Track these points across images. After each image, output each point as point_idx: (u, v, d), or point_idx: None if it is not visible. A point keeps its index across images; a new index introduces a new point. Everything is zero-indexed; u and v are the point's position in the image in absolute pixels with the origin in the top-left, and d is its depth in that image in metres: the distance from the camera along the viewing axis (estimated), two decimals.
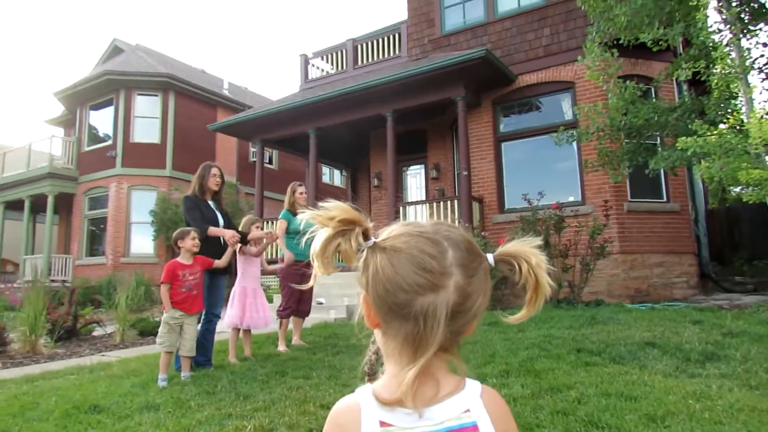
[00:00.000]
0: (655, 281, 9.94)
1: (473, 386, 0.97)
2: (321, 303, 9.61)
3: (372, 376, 1.05)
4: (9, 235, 22.13)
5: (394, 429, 0.91)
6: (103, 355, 6.99)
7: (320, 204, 0.97)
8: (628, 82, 7.73)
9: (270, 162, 21.07)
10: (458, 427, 0.92)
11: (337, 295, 10.15)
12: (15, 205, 20.90)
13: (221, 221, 5.83)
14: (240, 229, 6.21)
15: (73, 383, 4.95)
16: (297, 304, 6.69)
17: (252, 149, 19.87)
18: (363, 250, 0.96)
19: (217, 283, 5.74)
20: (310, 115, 12.66)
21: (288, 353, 6.01)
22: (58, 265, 18.75)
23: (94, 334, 9.17)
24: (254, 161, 17.80)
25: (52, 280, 17.27)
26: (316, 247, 0.97)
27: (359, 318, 1.00)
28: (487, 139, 11.37)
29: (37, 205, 20.21)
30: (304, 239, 0.99)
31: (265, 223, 12.50)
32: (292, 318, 6.76)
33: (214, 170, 5.86)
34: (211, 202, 5.82)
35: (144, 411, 3.85)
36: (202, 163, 6.00)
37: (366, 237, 0.96)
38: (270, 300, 9.77)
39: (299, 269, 6.69)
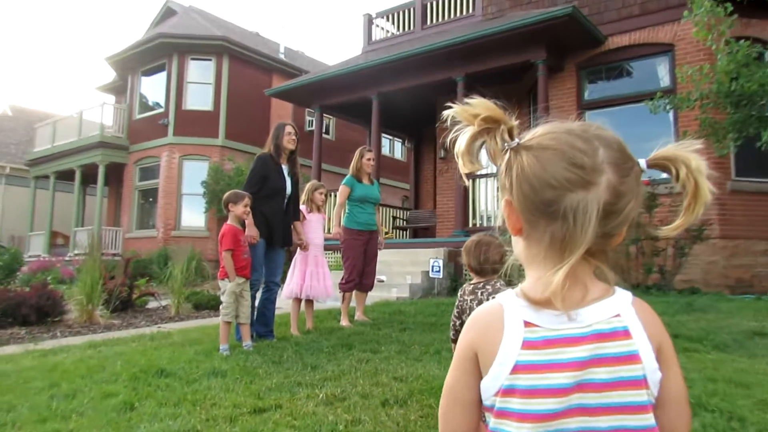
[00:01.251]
0: (760, 270, 9.54)
1: (624, 293, 0.98)
2: (382, 281, 9.76)
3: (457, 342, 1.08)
4: (59, 206, 23.40)
5: (540, 330, 0.94)
6: (159, 327, 7.36)
7: (465, 100, 1.00)
8: (741, 41, 7.36)
9: (327, 132, 21.36)
10: (609, 331, 0.93)
11: (399, 272, 10.28)
12: (66, 176, 22.03)
13: (289, 189, 6.01)
14: (304, 193, 6.41)
15: (135, 350, 5.26)
16: (360, 277, 6.84)
17: (309, 118, 20.16)
18: (506, 151, 0.98)
19: (275, 251, 5.96)
20: (373, 79, 12.72)
21: (351, 328, 6.17)
22: (108, 237, 19.73)
23: (149, 306, 9.64)
24: (311, 131, 18.06)
25: (102, 253, 18.20)
26: (461, 144, 1.00)
27: (501, 224, 1.03)
28: (570, 108, 11.12)
29: (88, 176, 21.25)
30: (457, 142, 1.01)
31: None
32: (354, 292, 6.93)
33: (289, 128, 6.04)
34: (285, 166, 6.01)
35: (211, 377, 4.07)
36: (273, 126, 6.24)
37: (511, 136, 0.99)
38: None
39: (363, 239, 6.86)
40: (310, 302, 6.41)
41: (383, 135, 18.82)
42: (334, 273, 9.17)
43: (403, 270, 10.39)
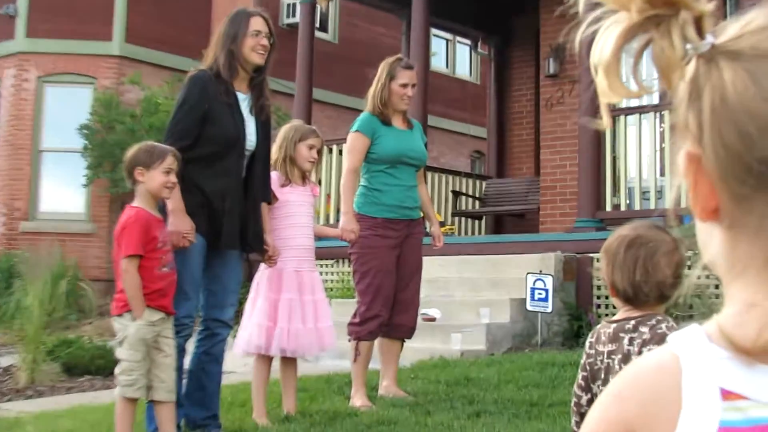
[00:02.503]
0: None
1: None
2: (432, 319, 9.78)
3: None
4: None
5: (750, 405, 0.93)
6: None
7: None
8: None
9: (323, 27, 21.29)
10: None
11: (465, 302, 10.36)
12: None
13: (253, 141, 6.05)
14: (278, 147, 6.40)
15: None
16: (389, 310, 6.86)
17: (287, 0, 20.11)
18: (690, 59, 0.97)
19: (225, 261, 5.99)
20: None
21: (372, 411, 6.20)
22: None
23: None
24: (292, 25, 18.05)
25: None
26: (605, 48, 1.00)
27: (676, 203, 1.03)
28: None
29: None
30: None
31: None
32: (378, 342, 6.96)
33: (256, 21, 6.03)
34: (245, 97, 6.04)
35: None
36: (221, 17, 6.20)
37: (699, 32, 0.97)
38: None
39: (394, 238, 6.89)
40: (290, 362, 6.46)
41: (434, 32, 18.71)
42: (337, 303, 9.18)
43: (473, 297, 10.44)
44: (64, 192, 18.70)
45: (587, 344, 3.08)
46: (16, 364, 9.28)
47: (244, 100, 6.01)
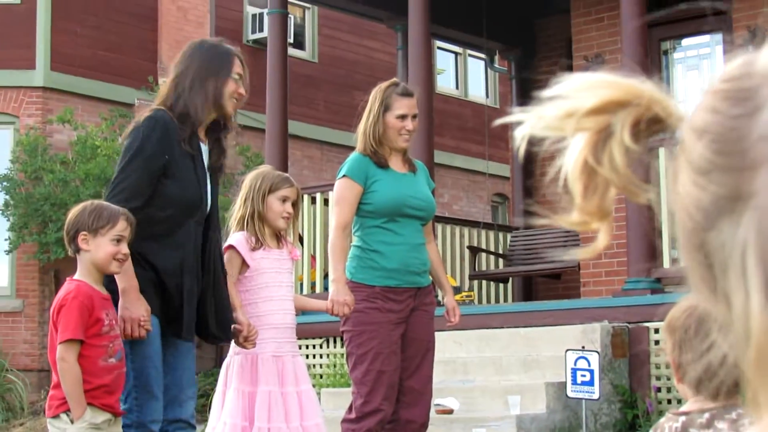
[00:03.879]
0: None
1: None
2: (449, 411, 9.74)
3: None
4: None
5: None
6: None
7: (548, 92, 1.00)
8: None
9: (298, 44, 21.37)
10: None
11: (490, 389, 10.36)
12: None
13: (208, 199, 6.07)
14: (242, 201, 6.44)
15: None
16: (393, 402, 6.85)
17: (251, 11, 20.20)
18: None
19: (175, 348, 6.00)
20: None
21: None
22: None
23: None
24: (261, 40, 18.09)
25: None
26: (567, 175, 1.01)
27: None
28: None
29: None
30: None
31: (304, 198, 12.62)
32: None
33: (238, 63, 6.09)
34: (203, 146, 6.09)
35: None
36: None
37: (655, 124, 0.99)
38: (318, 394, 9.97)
39: (397, 312, 6.89)
40: None
41: (439, 45, 18.79)
42: (328, 394, 9.15)
43: (500, 382, 10.45)
44: None
45: None
46: None
47: (204, 153, 6.07)
